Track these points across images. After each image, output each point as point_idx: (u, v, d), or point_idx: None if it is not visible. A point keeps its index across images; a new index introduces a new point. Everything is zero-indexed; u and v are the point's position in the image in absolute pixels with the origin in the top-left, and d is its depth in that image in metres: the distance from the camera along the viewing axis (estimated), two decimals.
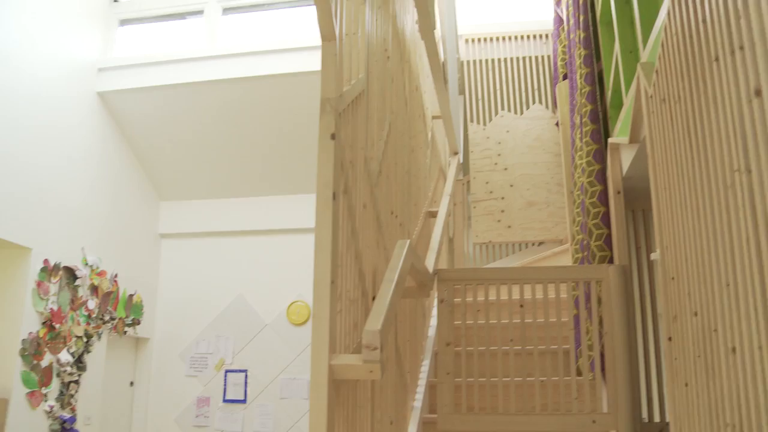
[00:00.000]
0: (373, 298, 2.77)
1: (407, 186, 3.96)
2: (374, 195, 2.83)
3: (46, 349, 6.34)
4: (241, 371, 7.70)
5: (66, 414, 6.58)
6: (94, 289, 7.01)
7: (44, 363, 6.33)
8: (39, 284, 6.29)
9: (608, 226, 3.90)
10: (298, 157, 7.44)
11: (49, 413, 6.39)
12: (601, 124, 4.14)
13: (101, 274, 7.10)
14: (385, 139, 3.19)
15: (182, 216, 8.24)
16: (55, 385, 6.48)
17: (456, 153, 6.61)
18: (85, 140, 7.02)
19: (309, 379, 6.56)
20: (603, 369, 3.66)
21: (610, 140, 3.88)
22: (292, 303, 7.68)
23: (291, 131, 7.30)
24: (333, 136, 2.17)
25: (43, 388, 6.32)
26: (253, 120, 7.30)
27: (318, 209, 2.09)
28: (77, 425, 6.72)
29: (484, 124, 7.69)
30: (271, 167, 7.68)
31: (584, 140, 4.15)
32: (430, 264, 3.72)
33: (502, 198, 7.37)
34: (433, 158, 5.74)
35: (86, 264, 6.90)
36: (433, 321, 4.74)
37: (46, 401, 6.35)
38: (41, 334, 6.29)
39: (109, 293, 7.22)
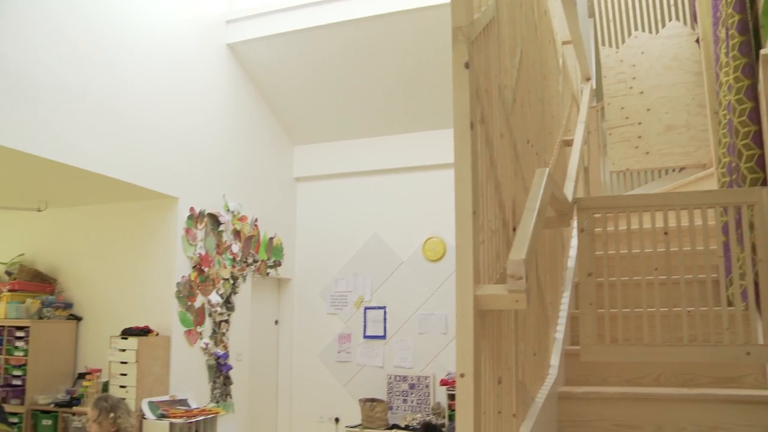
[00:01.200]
0: (514, 229, 2.74)
1: (541, 114, 3.86)
2: (510, 124, 2.77)
3: (197, 291, 6.75)
4: (379, 308, 7.90)
5: (219, 350, 7.01)
6: (237, 233, 7.35)
7: (197, 304, 6.74)
8: (187, 231, 6.65)
9: (760, 146, 3.64)
10: (427, 93, 7.39)
11: (205, 350, 6.83)
12: (750, 35, 3.83)
13: (242, 219, 7.42)
14: (517, 66, 3.11)
15: (315, 159, 8.44)
16: (208, 324, 6.90)
17: (588, 79, 6.36)
18: (219, 92, 7.28)
19: (446, 314, 6.64)
20: (757, 298, 3.47)
21: (762, 52, 3.60)
22: (427, 239, 7.75)
23: (418, 67, 7.24)
24: (467, 65, 2.13)
25: (198, 327, 6.75)
26: (380, 59, 7.30)
27: (456, 139, 2.07)
28: (230, 361, 7.14)
29: (617, 46, 7.33)
30: (400, 105, 7.68)
31: (731, 54, 3.87)
32: (568, 193, 3.63)
33: (639, 123, 7.05)
34: (565, 85, 5.55)
35: (228, 210, 7.22)
36: (573, 252, 4.65)
37: (201, 339, 6.78)
38: (192, 278, 6.69)
39: (250, 237, 7.55)
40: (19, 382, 6.60)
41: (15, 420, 6.22)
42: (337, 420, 7.92)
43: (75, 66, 5.50)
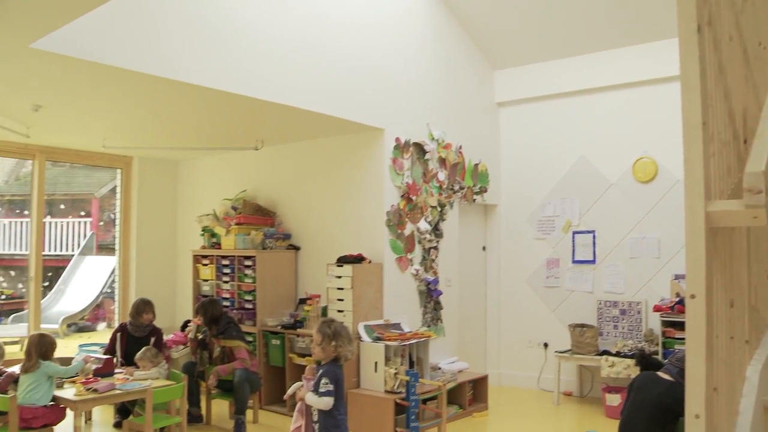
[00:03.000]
0: (745, 141, 2.52)
1: None
2: (740, 25, 2.51)
3: (406, 220, 6.93)
4: (588, 232, 7.69)
5: (429, 276, 7.19)
6: (442, 161, 7.41)
7: (407, 232, 6.93)
8: (394, 161, 6.81)
9: None
10: (632, 1, 6.90)
11: (416, 276, 7.04)
12: None
13: (447, 146, 7.46)
14: None
15: (516, 82, 8.24)
16: (418, 251, 7.09)
17: None
18: (418, 21, 7.28)
19: (659, 238, 6.31)
20: None
21: None
22: (637, 160, 7.37)
23: None
24: None
25: (408, 254, 6.96)
26: None
27: (682, 45, 1.91)
28: (439, 286, 7.31)
29: None
30: (605, 17, 7.23)
31: None
32: None
33: None
34: None
35: (432, 138, 7.29)
36: None
37: (412, 265, 6.99)
38: (401, 206, 6.87)
39: (456, 164, 7.59)
40: (250, 306, 7.22)
41: (250, 339, 6.82)
42: (545, 345, 7.91)
43: (283, 10, 5.73)
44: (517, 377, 8.14)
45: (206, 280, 7.76)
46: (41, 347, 5.42)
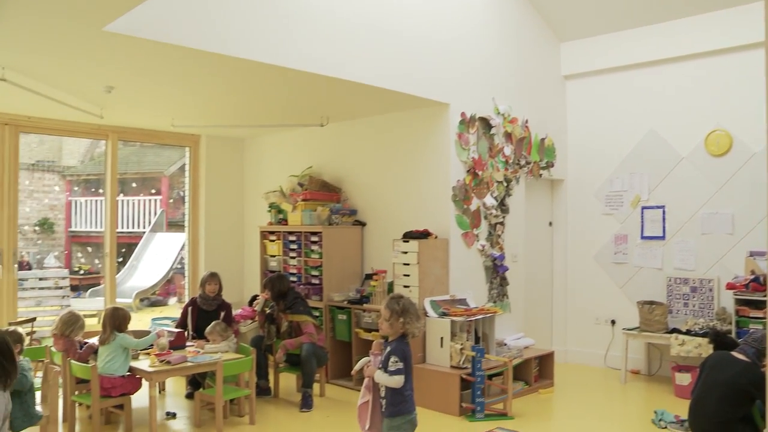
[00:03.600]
0: None
1: None
2: None
3: (472, 195, 6.89)
4: (658, 207, 7.50)
5: (495, 252, 7.15)
6: (508, 136, 7.33)
7: (473, 207, 6.90)
8: (459, 136, 6.77)
9: None
10: None
11: (482, 251, 7.01)
12: None
13: (513, 121, 7.37)
14: None
15: (584, 54, 8.06)
16: (484, 227, 7.05)
17: None
18: None
19: (733, 214, 6.14)
20: None
21: None
22: (710, 133, 7.13)
23: None
24: None
25: (474, 229, 6.93)
26: None
27: None
28: (505, 262, 7.26)
29: None
30: None
31: None
32: None
33: None
34: None
35: (498, 113, 7.21)
36: None
37: (478, 241, 6.96)
38: (467, 181, 6.83)
39: (522, 139, 7.50)
40: (317, 281, 7.31)
41: (317, 314, 6.91)
42: (613, 322, 7.79)
43: None
44: (583, 354, 8.05)
45: (273, 256, 7.89)
46: (115, 320, 5.63)
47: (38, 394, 5.12)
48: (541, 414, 6.14)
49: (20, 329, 4.98)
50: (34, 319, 6.98)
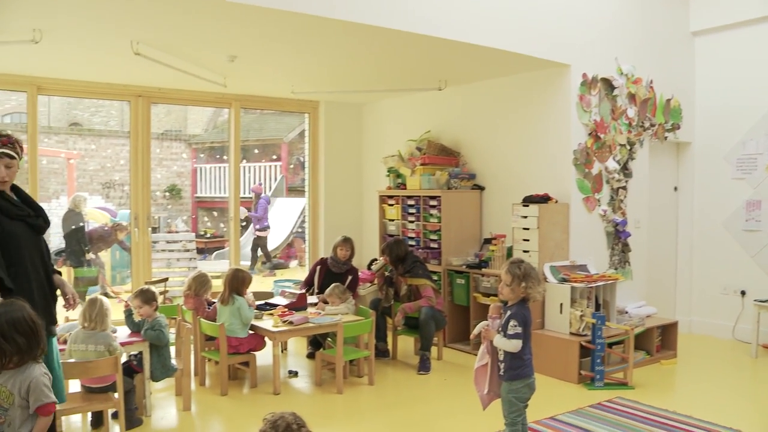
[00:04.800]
0: None
1: None
2: None
3: (594, 158, 6.71)
4: None
5: (618, 217, 6.96)
6: (632, 97, 7.06)
7: (594, 171, 6.73)
8: (581, 98, 6.59)
9: None
10: None
11: (603, 216, 6.84)
12: None
13: (636, 81, 7.09)
14: None
15: (714, 8, 7.58)
16: (605, 191, 6.87)
17: None
18: None
19: None
20: None
21: None
22: None
23: None
24: None
25: (596, 193, 6.76)
26: None
27: None
28: (628, 228, 7.05)
29: None
30: None
31: None
32: None
33: None
34: None
35: (621, 73, 6.95)
36: None
37: (599, 206, 6.80)
38: (588, 145, 6.66)
39: (646, 100, 7.21)
40: (435, 246, 7.36)
41: (435, 278, 6.95)
42: (743, 293, 7.41)
43: None
44: (709, 325, 7.73)
45: (392, 220, 7.98)
46: (234, 282, 5.88)
47: (172, 350, 5.45)
48: (664, 385, 5.96)
49: (153, 288, 5.28)
50: (166, 280, 7.39)
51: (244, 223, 13.87)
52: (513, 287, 3.92)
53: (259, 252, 14.25)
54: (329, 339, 6.31)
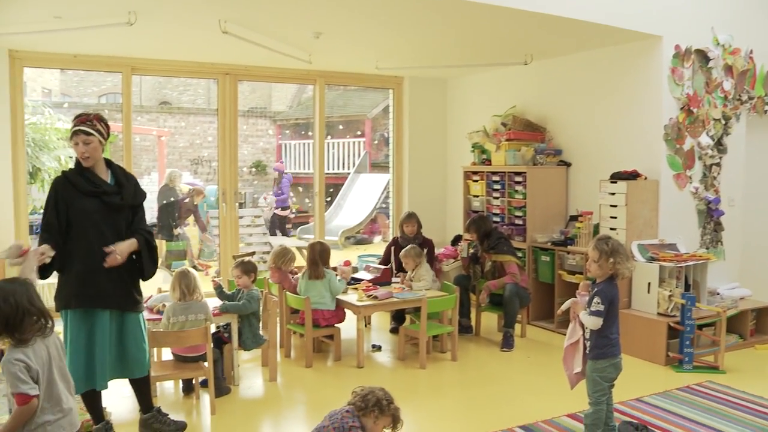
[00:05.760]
0: None
1: None
2: None
3: (686, 134, 6.48)
4: None
5: (710, 195, 6.71)
6: (728, 69, 6.76)
7: (686, 147, 6.50)
8: (673, 70, 6.35)
9: None
10: None
11: (695, 194, 6.61)
12: None
13: (734, 52, 6.77)
14: None
15: None
16: (698, 168, 6.63)
17: None
18: None
19: None
20: None
21: None
22: None
23: None
24: None
25: (688, 170, 6.53)
26: None
27: None
28: (721, 206, 6.80)
29: None
30: None
31: None
32: None
33: None
34: None
35: (717, 44, 6.65)
36: None
37: (691, 183, 6.57)
38: (680, 119, 6.43)
39: (744, 72, 6.88)
40: (520, 222, 7.29)
41: (519, 254, 6.89)
42: None
43: None
44: None
45: (476, 196, 7.93)
46: (323, 255, 5.98)
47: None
48: (758, 371, 5.72)
49: (254, 261, 5.45)
50: (253, 254, 7.57)
51: (328, 199, 14.03)
52: (600, 263, 3.86)
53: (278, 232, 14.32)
54: (413, 314, 6.36)
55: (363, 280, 6.41)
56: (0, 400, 4.75)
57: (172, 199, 11.19)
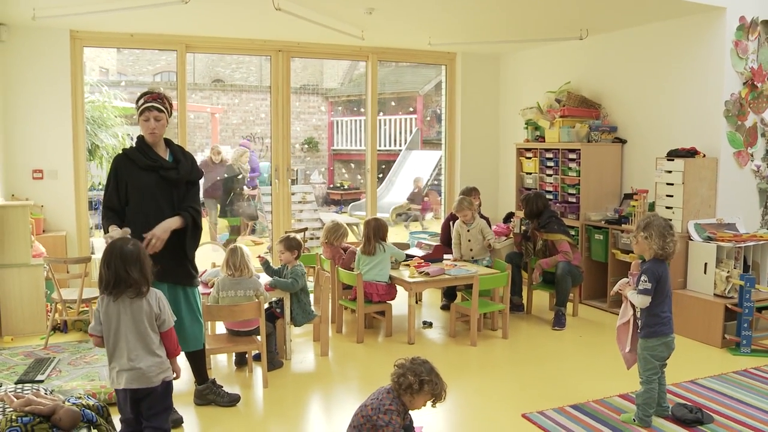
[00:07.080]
0: None
1: None
2: None
3: (749, 110, 6.28)
4: None
5: None
6: None
7: (748, 123, 6.30)
8: (736, 44, 6.15)
9: None
10: None
11: (756, 172, 6.42)
12: None
13: None
14: None
15: None
16: (760, 145, 6.43)
17: None
18: None
19: None
20: None
21: None
22: None
23: None
24: None
25: (749, 148, 6.34)
26: None
27: None
28: None
29: None
30: None
31: None
32: None
33: None
34: None
35: None
36: None
37: (752, 161, 6.38)
38: (743, 95, 6.23)
39: None
40: (573, 200, 7.18)
41: (572, 233, 6.80)
42: None
43: None
44: None
45: (529, 173, 7.84)
46: (379, 231, 6.00)
47: (312, 297, 5.66)
48: None
49: (299, 238, 5.49)
50: (305, 230, 7.64)
51: (380, 175, 14.03)
52: (638, 239, 3.89)
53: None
54: (464, 291, 6.35)
55: (415, 256, 6.41)
56: (65, 368, 4.92)
57: (228, 175, 11.38)
